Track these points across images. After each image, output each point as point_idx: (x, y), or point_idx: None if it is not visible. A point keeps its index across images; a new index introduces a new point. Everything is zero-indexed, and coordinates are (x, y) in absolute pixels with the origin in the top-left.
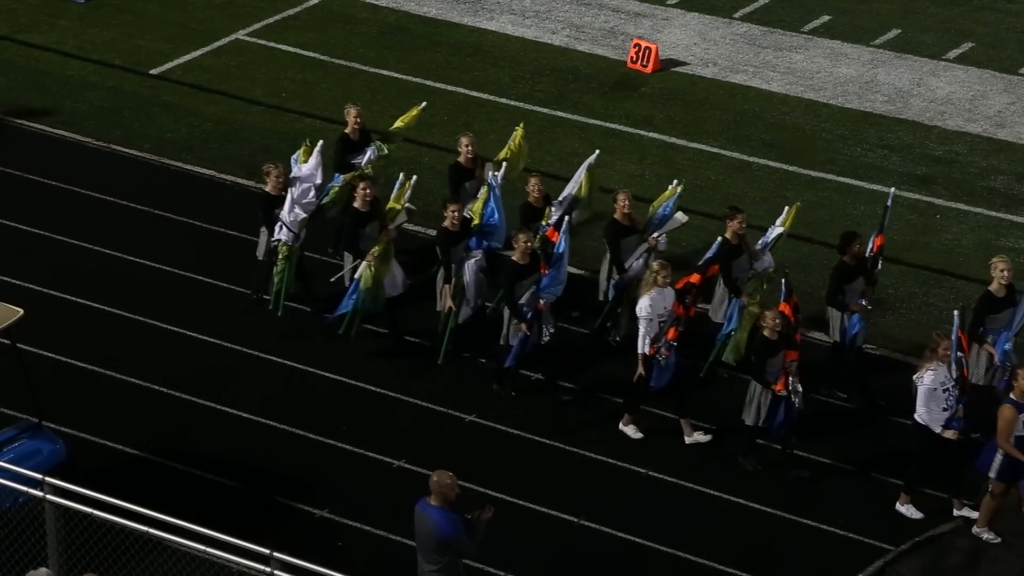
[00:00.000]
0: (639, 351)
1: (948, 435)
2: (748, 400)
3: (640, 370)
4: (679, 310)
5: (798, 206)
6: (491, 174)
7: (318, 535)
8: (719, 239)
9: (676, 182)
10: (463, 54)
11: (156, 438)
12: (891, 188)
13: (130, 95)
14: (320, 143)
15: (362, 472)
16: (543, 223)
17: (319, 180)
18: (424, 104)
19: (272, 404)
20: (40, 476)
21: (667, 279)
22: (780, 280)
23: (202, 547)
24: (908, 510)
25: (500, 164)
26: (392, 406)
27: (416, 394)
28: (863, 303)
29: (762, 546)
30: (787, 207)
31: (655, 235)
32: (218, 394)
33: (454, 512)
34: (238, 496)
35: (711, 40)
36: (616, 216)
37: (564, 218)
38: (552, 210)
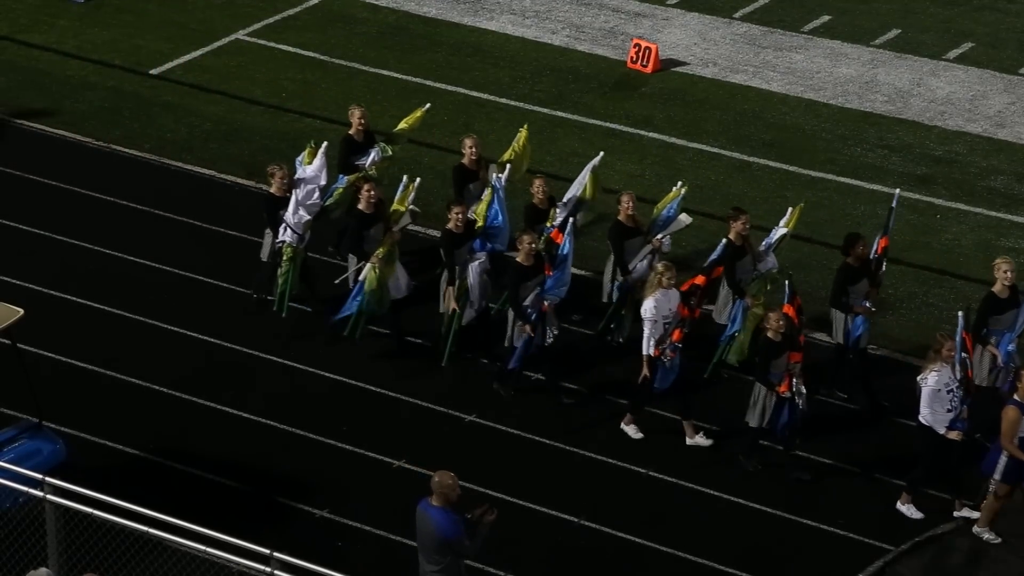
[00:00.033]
0: (644, 352)
1: (952, 436)
2: (752, 402)
3: (645, 371)
4: (684, 312)
5: (802, 207)
6: (495, 176)
7: (318, 535)
8: (724, 241)
9: (680, 183)
10: (463, 54)
11: (156, 438)
12: (896, 190)
13: (130, 95)
14: (324, 144)
15: (362, 472)
16: (547, 225)
17: (323, 182)
18: (428, 106)
19: (272, 404)
20: (40, 476)
21: (671, 280)
22: (784, 282)
23: (202, 547)
24: (909, 510)
25: (504, 166)
26: (392, 406)
27: (416, 394)
28: (867, 305)
29: (762, 546)
30: (791, 208)
31: (659, 236)
32: (218, 394)
33: (455, 513)
34: (238, 496)
35: (711, 40)
36: (620, 218)
37: (569, 220)
38: (557, 212)
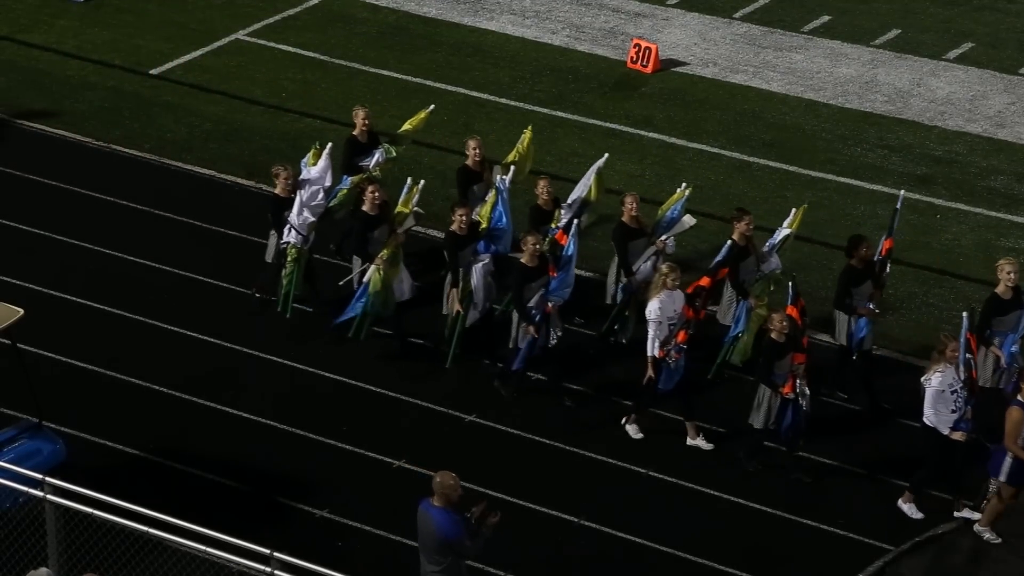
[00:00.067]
0: (648, 354)
1: (956, 437)
2: (756, 404)
3: (650, 373)
4: (689, 313)
5: (805, 207)
6: (499, 178)
7: (318, 535)
8: (729, 242)
9: (684, 185)
10: (463, 54)
11: (156, 438)
12: (901, 191)
13: (130, 95)
14: (329, 145)
15: (362, 472)
16: (552, 226)
17: (328, 183)
18: (432, 107)
19: (272, 404)
20: (40, 476)
21: (676, 282)
22: (787, 283)
23: (202, 547)
24: (910, 509)
25: (509, 167)
26: (392, 406)
27: (418, 395)
28: (871, 307)
29: (762, 546)
30: (794, 209)
31: (663, 238)
32: (218, 394)
33: (457, 513)
34: (238, 496)
35: (711, 40)
36: (624, 219)
37: (573, 221)
38: (561, 213)
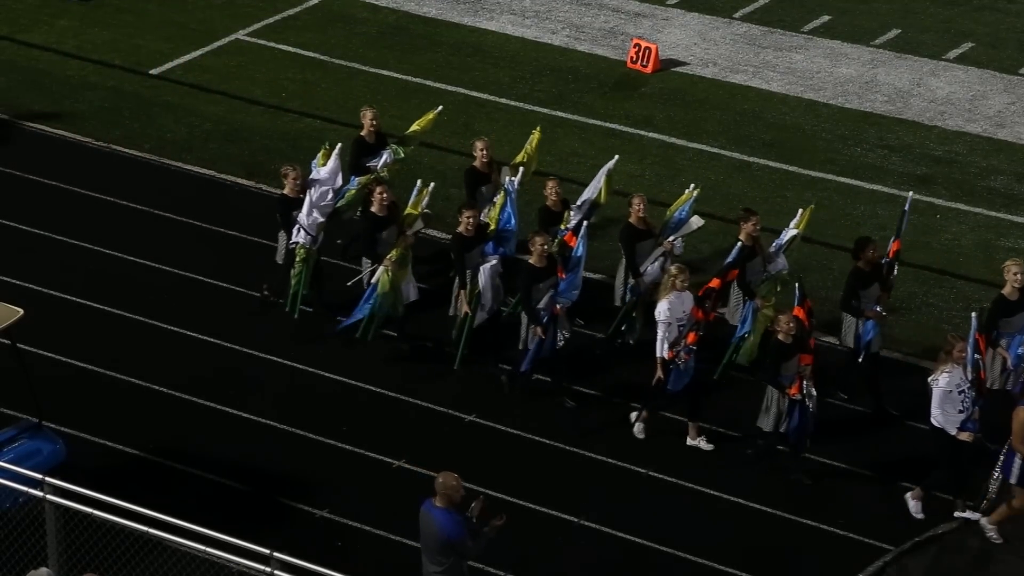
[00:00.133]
0: (658, 355)
1: (963, 437)
2: (765, 407)
3: (659, 374)
4: (699, 314)
5: (812, 208)
6: (508, 179)
7: (318, 535)
8: (739, 244)
9: (693, 186)
10: (463, 54)
11: (156, 438)
12: (909, 193)
13: (130, 95)
14: (339, 146)
15: (362, 472)
16: (561, 227)
17: (338, 183)
18: (440, 108)
19: (272, 404)
20: (40, 476)
21: (685, 283)
22: (794, 284)
23: (202, 547)
24: (915, 507)
25: (517, 168)
26: (392, 406)
27: (417, 394)
28: (878, 309)
29: (763, 546)
30: (801, 209)
31: (671, 239)
32: (218, 394)
33: (459, 514)
34: (238, 496)
35: (711, 40)
36: (631, 220)
37: (583, 223)
38: (571, 214)
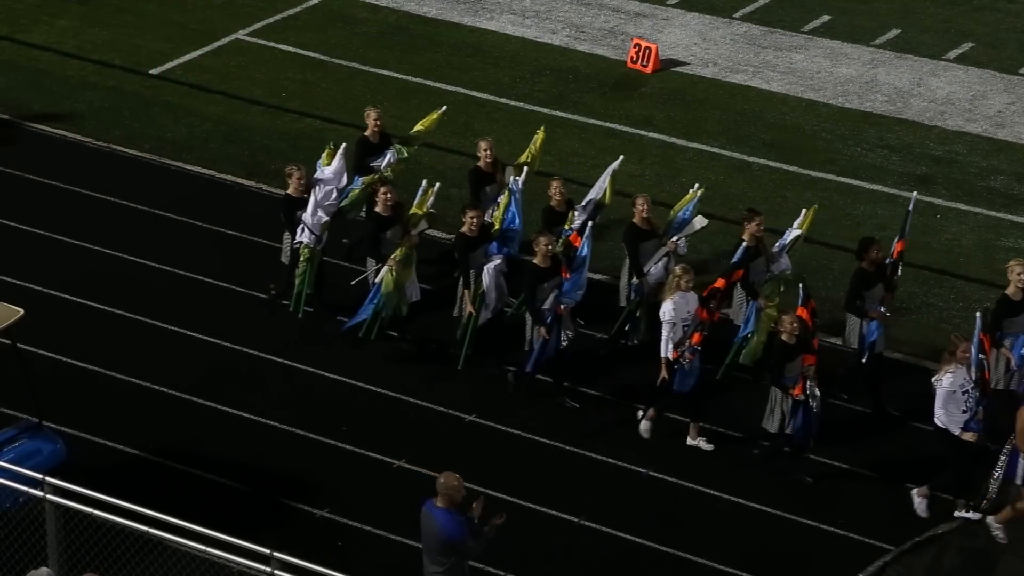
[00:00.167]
0: (662, 355)
1: (967, 437)
2: (769, 408)
3: (664, 374)
4: (703, 315)
5: (816, 208)
6: (512, 179)
7: (318, 535)
8: (743, 244)
9: (697, 186)
10: (463, 54)
11: (156, 438)
12: (913, 193)
13: (130, 95)
14: (344, 146)
15: (362, 472)
16: (566, 227)
17: (343, 183)
18: (445, 108)
19: (272, 404)
20: (40, 476)
21: (690, 283)
22: (798, 284)
23: (202, 547)
24: (920, 504)
25: (521, 168)
26: (392, 406)
27: (418, 394)
28: (882, 310)
29: (762, 546)
30: (804, 209)
31: (674, 239)
32: (218, 394)
33: (460, 514)
34: (238, 496)
35: (711, 40)
36: (635, 220)
37: (587, 223)
38: (575, 215)
